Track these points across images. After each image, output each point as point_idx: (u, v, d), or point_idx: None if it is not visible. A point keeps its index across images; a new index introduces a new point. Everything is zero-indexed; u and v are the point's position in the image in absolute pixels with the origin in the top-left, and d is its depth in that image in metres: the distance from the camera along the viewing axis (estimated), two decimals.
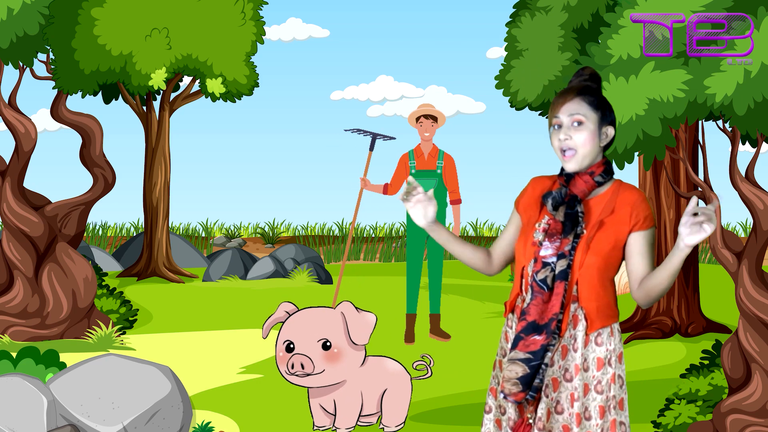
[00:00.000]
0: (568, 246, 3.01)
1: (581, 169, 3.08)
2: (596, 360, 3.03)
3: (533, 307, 3.01)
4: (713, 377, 5.95)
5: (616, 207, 3.06)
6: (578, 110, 3.05)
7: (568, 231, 3.02)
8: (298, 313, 5.41)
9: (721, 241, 5.36)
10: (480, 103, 21.91)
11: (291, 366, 5.27)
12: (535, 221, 3.12)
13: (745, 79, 4.88)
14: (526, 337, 3.00)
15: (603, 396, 3.03)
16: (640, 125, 5.05)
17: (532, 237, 3.09)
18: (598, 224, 3.04)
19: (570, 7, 6.50)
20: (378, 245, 17.48)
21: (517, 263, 3.14)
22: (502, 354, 3.17)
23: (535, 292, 3.02)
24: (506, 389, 3.01)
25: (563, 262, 3.00)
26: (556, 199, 3.07)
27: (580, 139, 3.04)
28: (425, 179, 8.54)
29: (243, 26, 10.86)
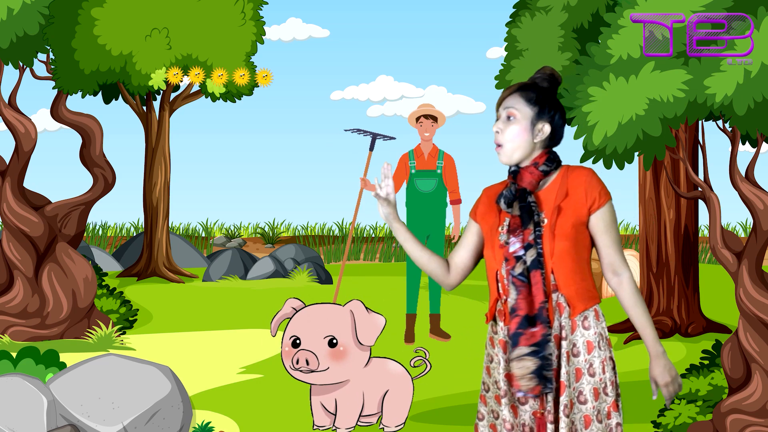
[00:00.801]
0: (531, 236, 3.05)
1: (512, 163, 3.15)
2: (586, 343, 3.07)
3: (521, 301, 3.04)
4: (713, 377, 5.95)
5: (569, 189, 3.11)
6: (513, 105, 3.13)
7: (526, 222, 3.06)
8: (306, 309, 5.38)
9: (721, 241, 5.36)
10: (480, 103, 21.92)
11: (296, 361, 5.26)
12: (497, 226, 3.15)
13: (745, 79, 4.88)
14: (524, 331, 3.03)
15: (596, 378, 3.06)
16: (640, 125, 5.05)
17: (498, 240, 3.12)
18: (557, 210, 3.08)
19: (570, 7, 6.50)
20: (378, 245, 17.48)
21: (489, 270, 3.16)
22: (489, 360, 3.18)
23: (518, 287, 3.05)
24: (523, 386, 3.02)
25: (532, 251, 3.04)
26: (508, 197, 3.12)
27: (509, 134, 3.13)
28: (425, 179, 8.55)
29: (243, 26, 10.86)
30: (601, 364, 3.07)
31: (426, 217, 8.54)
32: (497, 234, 3.13)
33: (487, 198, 3.23)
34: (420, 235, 8.54)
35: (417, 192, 8.55)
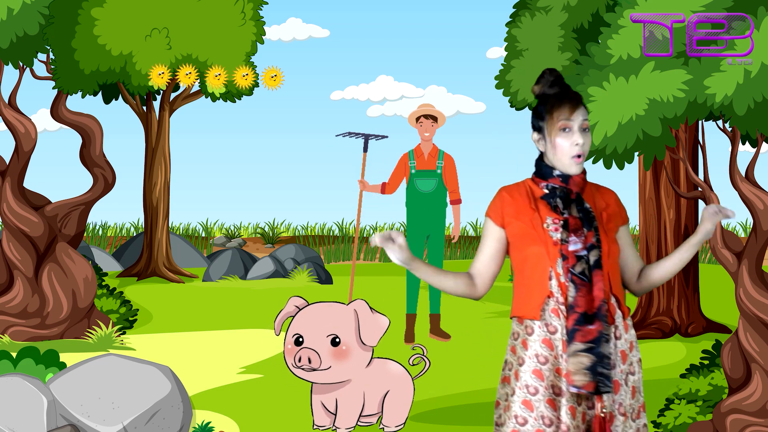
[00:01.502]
0: (594, 238, 3.13)
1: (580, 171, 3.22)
2: (630, 343, 3.20)
3: (580, 299, 3.09)
4: (713, 377, 5.95)
5: (606, 200, 3.26)
6: (585, 116, 3.19)
7: (588, 225, 3.15)
8: (310, 307, 5.37)
9: (721, 241, 5.36)
10: (480, 103, 21.91)
11: (298, 359, 5.25)
12: (540, 223, 3.16)
13: (745, 79, 4.88)
14: (581, 327, 3.07)
15: (635, 377, 3.19)
16: (640, 125, 5.05)
17: (551, 237, 3.14)
18: (606, 216, 3.22)
19: (570, 7, 6.50)
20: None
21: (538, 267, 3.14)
22: (519, 363, 3.13)
23: (578, 285, 3.10)
24: (577, 381, 3.05)
25: (595, 251, 3.12)
26: (564, 198, 3.17)
27: (588, 145, 3.20)
28: (425, 179, 8.55)
29: (243, 26, 10.86)
30: (637, 363, 3.21)
31: (426, 217, 8.54)
32: (545, 231, 3.15)
33: (512, 197, 3.22)
34: (420, 235, 8.54)
35: (417, 192, 8.55)
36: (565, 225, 3.13)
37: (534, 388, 3.09)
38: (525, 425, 3.08)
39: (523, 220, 3.18)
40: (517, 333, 3.17)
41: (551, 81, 3.24)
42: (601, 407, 3.09)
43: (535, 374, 3.09)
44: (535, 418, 3.07)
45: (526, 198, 3.20)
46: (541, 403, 3.08)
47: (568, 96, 3.19)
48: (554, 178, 3.18)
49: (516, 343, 3.17)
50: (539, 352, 3.10)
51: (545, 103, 3.22)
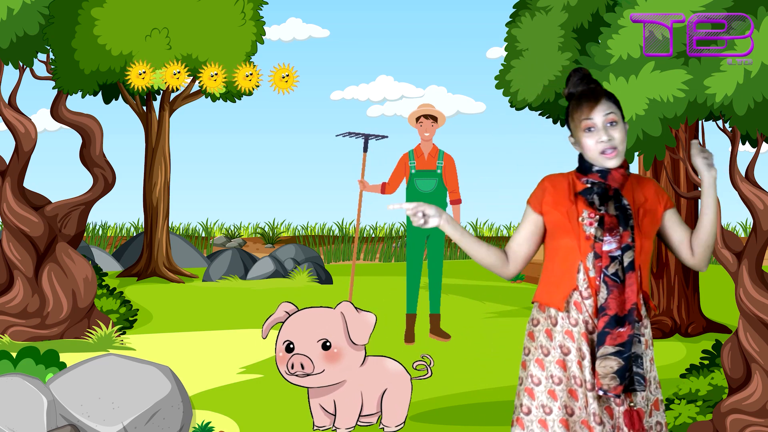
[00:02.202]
0: (629, 238, 3.13)
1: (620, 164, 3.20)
2: (645, 342, 3.21)
3: (612, 301, 3.10)
4: (713, 377, 5.95)
5: (645, 193, 3.24)
6: (611, 109, 3.17)
7: (624, 224, 3.14)
8: (298, 314, 5.42)
9: (721, 241, 5.36)
10: (480, 103, 21.91)
11: (291, 366, 5.27)
12: (575, 216, 3.18)
13: (745, 79, 4.88)
14: (611, 330, 3.09)
15: (649, 376, 3.21)
16: (640, 125, 5.05)
17: (584, 232, 3.16)
18: (643, 211, 3.20)
19: (570, 7, 6.50)
20: (378, 245, 17.48)
21: (568, 259, 3.17)
22: (543, 353, 3.17)
23: (610, 287, 3.11)
24: (605, 385, 3.08)
25: (630, 253, 3.12)
26: (601, 195, 3.17)
27: (619, 137, 3.17)
28: (425, 179, 8.55)
29: (243, 26, 10.86)
30: (650, 362, 3.22)
31: None
32: (579, 225, 3.17)
33: (554, 189, 3.24)
34: (420, 235, 8.54)
35: (417, 192, 8.55)
36: (600, 222, 3.14)
37: (558, 379, 3.14)
38: (550, 414, 3.13)
39: (560, 211, 3.20)
40: (537, 319, 3.22)
41: (576, 81, 3.26)
42: (630, 401, 3.13)
43: (559, 365, 3.14)
44: (559, 407, 3.13)
45: (567, 189, 3.23)
46: (564, 393, 3.13)
47: (586, 94, 3.19)
48: (593, 173, 3.19)
49: (536, 330, 3.21)
50: (563, 344, 3.15)
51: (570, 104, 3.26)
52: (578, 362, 3.14)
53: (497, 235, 19.26)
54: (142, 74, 9.15)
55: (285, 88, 9.52)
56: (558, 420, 3.11)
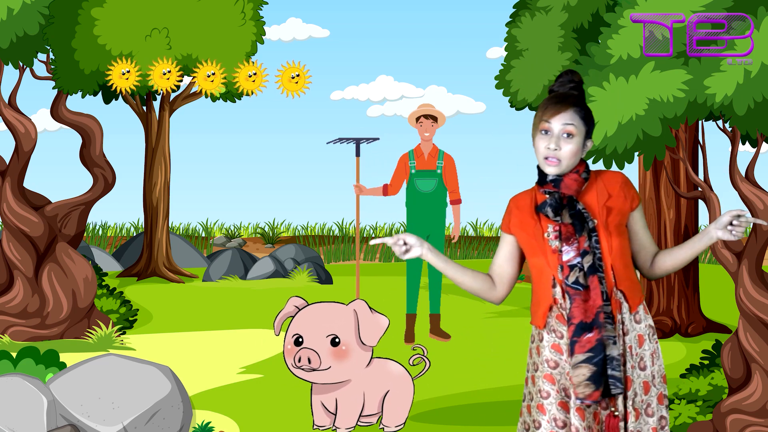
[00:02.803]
0: (587, 242, 3.10)
1: (562, 174, 3.16)
2: (638, 337, 3.16)
3: (575, 309, 3.09)
4: (713, 377, 5.95)
5: (609, 190, 3.19)
6: (572, 121, 3.13)
7: (580, 229, 3.11)
8: (310, 307, 5.37)
9: (721, 241, 5.36)
10: (480, 103, 21.89)
11: (298, 359, 5.25)
12: (540, 233, 3.17)
13: (745, 79, 4.88)
14: (578, 338, 3.08)
15: (647, 372, 3.15)
16: (640, 125, 5.05)
17: (549, 247, 3.15)
18: (605, 209, 3.16)
19: (570, 7, 6.50)
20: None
21: (542, 276, 3.17)
22: (534, 369, 3.20)
23: (572, 296, 3.09)
24: (580, 393, 3.07)
25: (588, 257, 3.10)
26: (554, 205, 3.14)
27: (567, 151, 3.13)
28: (425, 179, 8.54)
29: (243, 26, 10.85)
30: (651, 356, 3.17)
31: (426, 217, 8.54)
32: (545, 241, 3.16)
33: (518, 208, 3.24)
34: (420, 235, 8.53)
35: (417, 192, 8.55)
36: (559, 233, 3.14)
37: (546, 392, 3.15)
38: (539, 429, 3.15)
39: (526, 231, 3.20)
40: (533, 337, 3.24)
41: (562, 81, 3.23)
42: (614, 408, 3.11)
43: (547, 378, 3.15)
44: (548, 420, 3.13)
45: (530, 207, 3.22)
46: (553, 405, 3.13)
47: (556, 98, 3.15)
48: (548, 183, 3.17)
49: (532, 348, 3.23)
50: (549, 357, 3.15)
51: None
52: (567, 373, 3.14)
53: (497, 235, 19.26)
54: (125, 74, 8.49)
55: (295, 90, 8.65)
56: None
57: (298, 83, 8.54)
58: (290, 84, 8.55)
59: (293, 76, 8.53)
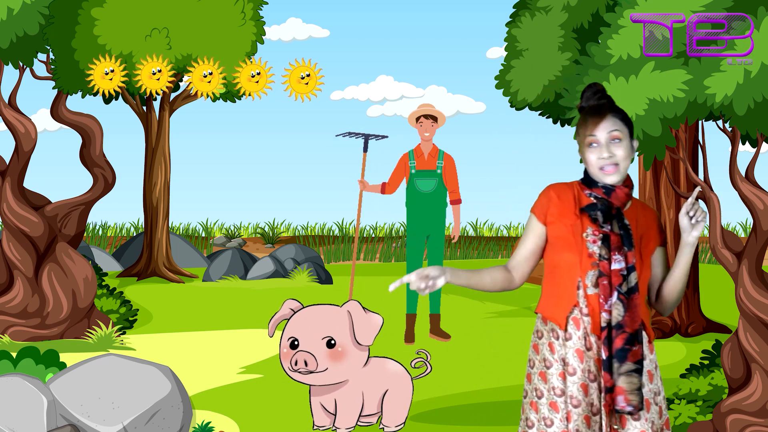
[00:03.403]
0: (634, 259, 3.15)
1: (620, 182, 3.19)
2: (654, 364, 3.24)
3: (627, 318, 3.12)
4: (713, 377, 5.95)
5: (647, 221, 3.24)
6: (615, 126, 3.17)
7: (628, 244, 3.15)
8: (304, 310, 5.39)
9: (721, 241, 5.36)
10: (480, 103, 21.92)
11: (294, 363, 5.26)
12: (579, 231, 3.18)
13: (745, 79, 4.88)
14: (630, 347, 3.11)
15: (661, 397, 3.23)
16: (640, 125, 5.05)
17: (586, 249, 3.16)
18: (645, 240, 3.21)
19: (570, 7, 6.50)
20: (378, 245, 17.48)
21: (567, 275, 3.18)
22: (546, 366, 3.19)
23: (624, 304, 3.12)
24: (632, 400, 3.10)
25: (635, 274, 3.14)
26: (605, 212, 3.17)
27: (621, 155, 3.17)
28: (425, 179, 8.54)
29: (243, 26, 10.85)
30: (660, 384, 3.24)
31: (426, 217, 8.54)
32: (583, 241, 3.17)
33: (559, 198, 3.23)
34: (420, 235, 8.54)
35: (417, 192, 8.55)
36: (605, 240, 3.14)
37: (560, 391, 3.15)
38: (551, 427, 3.15)
39: (565, 224, 3.20)
40: (541, 332, 3.22)
41: (588, 95, 3.26)
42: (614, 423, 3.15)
43: (561, 377, 3.16)
44: (560, 419, 3.14)
45: (573, 202, 3.22)
46: (545, 406, 3.16)
47: (593, 110, 3.19)
48: (598, 188, 3.20)
49: (540, 343, 3.22)
50: (565, 357, 3.16)
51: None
52: (561, 374, 3.16)
53: (497, 235, 19.26)
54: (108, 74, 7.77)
55: (305, 92, 7.80)
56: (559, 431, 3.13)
57: (309, 84, 7.71)
58: (299, 85, 7.74)
59: (303, 76, 7.71)
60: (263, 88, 8.33)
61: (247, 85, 8.55)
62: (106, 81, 7.80)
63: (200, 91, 8.43)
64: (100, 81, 7.92)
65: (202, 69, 8.37)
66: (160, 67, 8.13)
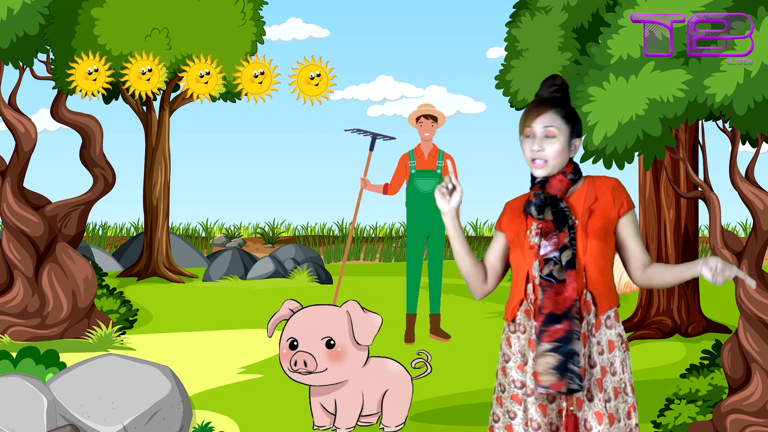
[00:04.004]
0: (567, 238, 3.17)
1: (550, 175, 3.25)
2: (608, 342, 3.20)
3: (547, 300, 3.14)
4: (713, 377, 5.95)
5: (598, 194, 3.26)
6: (552, 123, 3.23)
7: (561, 226, 3.19)
8: (303, 311, 5.40)
9: (721, 241, 5.36)
10: (480, 103, 21.91)
11: (294, 363, 5.26)
12: (524, 231, 3.27)
13: (745, 79, 4.88)
14: (547, 328, 3.12)
15: (617, 377, 3.20)
16: (640, 125, 5.05)
17: (528, 242, 3.25)
18: (588, 211, 3.23)
19: (570, 7, 6.50)
20: (378, 245, 17.48)
21: (518, 272, 3.27)
22: (505, 360, 3.29)
23: (545, 287, 3.15)
24: (544, 381, 3.10)
25: (567, 252, 3.16)
26: (538, 204, 3.24)
27: (552, 152, 3.23)
28: (425, 179, 8.55)
29: (243, 26, 10.85)
30: (621, 363, 3.22)
31: (426, 217, 8.54)
32: (525, 238, 3.25)
33: (511, 209, 3.36)
34: (420, 235, 8.54)
35: (417, 192, 8.55)
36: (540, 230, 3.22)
37: (520, 382, 3.23)
38: (515, 418, 3.22)
39: (512, 229, 3.31)
40: (504, 330, 3.32)
41: (545, 86, 3.33)
42: (569, 405, 3.14)
43: (520, 369, 3.23)
44: (522, 410, 3.21)
45: (521, 208, 3.33)
46: (507, 399, 3.25)
47: (536, 102, 3.26)
48: (536, 185, 3.28)
49: (503, 339, 3.32)
50: (521, 350, 3.23)
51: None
52: (519, 366, 3.23)
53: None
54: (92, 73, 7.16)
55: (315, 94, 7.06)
56: (522, 423, 3.19)
57: (319, 85, 7.00)
58: (308, 86, 7.02)
59: (312, 76, 7.00)
60: (267, 89, 7.74)
61: (249, 87, 8.02)
62: (89, 82, 7.27)
63: (196, 93, 7.82)
64: (82, 82, 7.39)
65: (198, 68, 7.85)
66: (151, 66, 7.56)
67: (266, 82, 7.62)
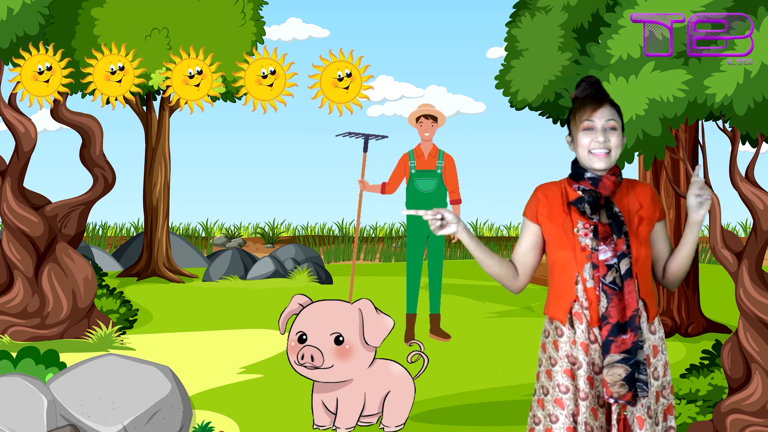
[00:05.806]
0: (624, 245, 3.17)
1: (607, 169, 3.24)
2: (653, 347, 3.24)
3: (612, 309, 3.14)
4: (713, 377, 5.95)
5: (640, 200, 3.28)
6: (612, 116, 3.24)
7: (617, 232, 3.18)
8: (315, 304, 5.37)
9: (721, 241, 5.36)
10: (480, 103, 21.91)
11: (301, 357, 5.25)
12: (570, 227, 3.23)
13: (745, 79, 4.88)
14: (615, 338, 3.13)
15: (659, 382, 3.24)
16: (640, 125, 5.05)
17: (579, 243, 3.21)
18: (637, 218, 3.25)
19: (570, 7, 6.50)
20: (378, 245, 17.48)
21: (565, 271, 3.23)
22: (551, 363, 3.24)
23: (609, 295, 3.15)
24: (614, 392, 3.12)
25: (626, 260, 3.17)
26: (592, 203, 3.21)
27: (614, 142, 3.22)
28: (425, 179, 8.54)
29: (243, 26, 10.85)
30: (663, 367, 3.26)
31: None
32: (575, 236, 3.22)
33: (547, 198, 3.30)
34: (420, 235, 8.54)
35: (417, 192, 8.55)
36: (594, 232, 3.19)
37: (565, 387, 3.20)
38: (556, 423, 3.20)
39: (555, 223, 3.26)
40: (548, 331, 3.28)
41: (585, 86, 3.32)
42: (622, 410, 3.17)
43: (567, 374, 3.20)
44: (565, 415, 3.19)
45: (560, 200, 3.28)
46: (572, 402, 3.20)
47: (592, 97, 3.25)
48: (584, 180, 3.24)
49: (547, 342, 3.27)
50: (570, 353, 3.21)
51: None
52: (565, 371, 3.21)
53: (497, 234, 19.26)
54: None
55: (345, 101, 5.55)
56: (564, 428, 3.17)
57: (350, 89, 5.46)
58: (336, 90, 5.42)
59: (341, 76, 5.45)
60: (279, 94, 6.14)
61: (255, 91, 6.35)
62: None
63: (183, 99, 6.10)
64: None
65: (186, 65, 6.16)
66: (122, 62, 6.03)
67: (278, 84, 6.12)
